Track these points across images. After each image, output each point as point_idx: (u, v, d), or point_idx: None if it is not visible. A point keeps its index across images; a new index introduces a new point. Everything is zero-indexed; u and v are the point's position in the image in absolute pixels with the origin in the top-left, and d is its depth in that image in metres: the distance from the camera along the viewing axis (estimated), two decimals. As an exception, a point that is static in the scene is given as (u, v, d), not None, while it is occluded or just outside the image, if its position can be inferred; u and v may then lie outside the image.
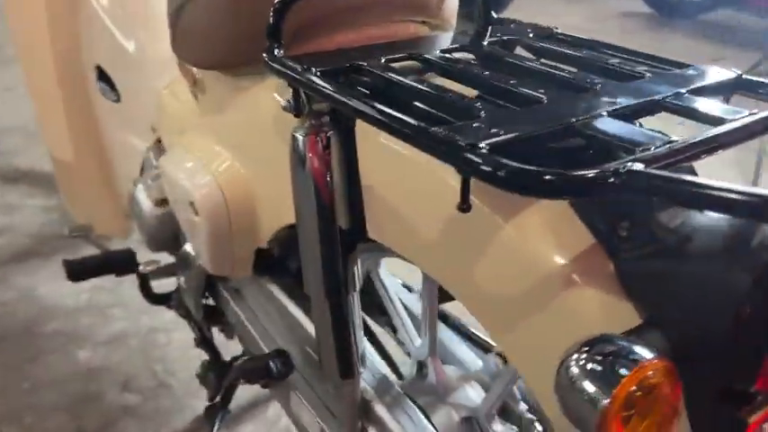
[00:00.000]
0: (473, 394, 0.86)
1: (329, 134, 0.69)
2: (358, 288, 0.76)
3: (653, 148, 0.47)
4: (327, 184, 0.70)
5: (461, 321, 1.04)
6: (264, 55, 0.68)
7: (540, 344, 0.56)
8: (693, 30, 4.44)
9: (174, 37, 0.86)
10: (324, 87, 0.60)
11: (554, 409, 0.58)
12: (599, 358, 0.43)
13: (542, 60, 0.69)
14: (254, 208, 0.88)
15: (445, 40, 0.77)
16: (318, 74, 0.63)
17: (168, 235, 1.23)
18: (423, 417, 0.80)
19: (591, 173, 0.44)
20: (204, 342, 1.21)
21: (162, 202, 1.20)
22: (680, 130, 0.53)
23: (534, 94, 0.57)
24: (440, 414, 0.83)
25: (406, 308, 0.96)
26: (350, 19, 0.80)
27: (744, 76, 0.64)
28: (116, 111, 1.40)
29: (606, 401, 0.41)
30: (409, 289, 1.05)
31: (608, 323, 0.51)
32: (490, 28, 0.82)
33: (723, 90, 0.63)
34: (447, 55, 0.70)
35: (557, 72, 0.64)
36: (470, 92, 0.62)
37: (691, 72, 0.65)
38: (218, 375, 1.12)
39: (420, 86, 0.60)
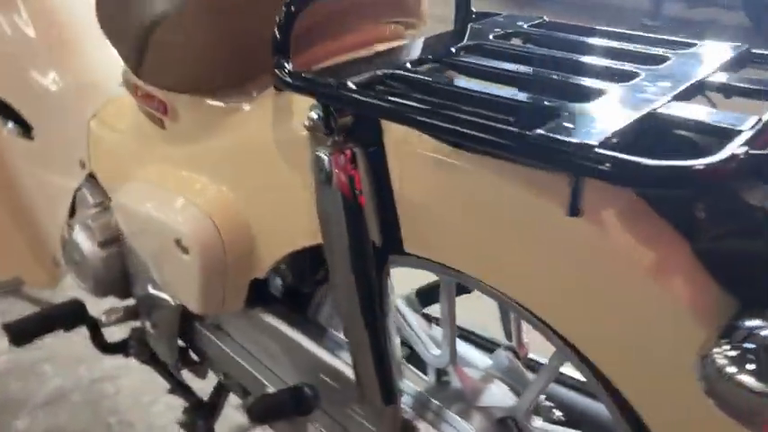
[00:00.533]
0: (500, 393, 0.85)
1: (354, 150, 0.65)
2: (393, 306, 0.72)
3: (747, 129, 0.47)
4: (358, 202, 0.66)
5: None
6: (276, 71, 0.63)
7: (632, 340, 0.55)
8: (562, 9, 4.63)
9: (140, 61, 0.78)
10: (374, 101, 0.55)
11: (648, 402, 0.57)
12: (749, 347, 0.43)
13: (560, 51, 0.68)
14: (250, 236, 0.82)
15: (445, 39, 0.74)
16: (354, 87, 0.59)
17: (117, 277, 1.12)
18: (467, 425, 0.77)
19: (712, 161, 0.43)
20: (180, 387, 1.12)
21: (107, 242, 1.10)
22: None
23: (592, 86, 0.56)
24: (476, 419, 0.81)
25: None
26: (341, 25, 0.75)
27: (751, 50, 0.66)
28: (29, 148, 1.26)
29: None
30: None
31: (703, 310, 0.51)
32: (470, 24, 0.80)
33: (739, 64, 0.65)
34: (470, 54, 0.67)
35: (588, 62, 0.63)
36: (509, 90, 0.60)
37: (706, 49, 0.66)
38: (207, 419, 1.04)
39: (474, 89, 0.57)
